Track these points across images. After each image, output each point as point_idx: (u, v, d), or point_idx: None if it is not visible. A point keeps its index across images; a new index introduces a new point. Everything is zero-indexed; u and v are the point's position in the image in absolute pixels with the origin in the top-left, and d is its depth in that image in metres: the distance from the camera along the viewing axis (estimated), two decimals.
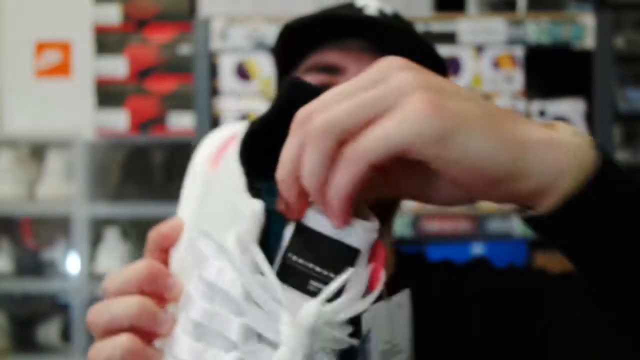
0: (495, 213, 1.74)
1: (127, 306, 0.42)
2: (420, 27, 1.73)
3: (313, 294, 0.35)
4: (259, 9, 2.23)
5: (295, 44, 0.81)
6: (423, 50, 0.80)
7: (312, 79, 0.78)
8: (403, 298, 0.39)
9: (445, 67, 0.84)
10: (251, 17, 1.77)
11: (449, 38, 1.73)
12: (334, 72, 0.78)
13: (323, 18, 0.80)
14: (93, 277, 2.34)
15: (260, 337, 0.36)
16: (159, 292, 0.42)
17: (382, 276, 0.38)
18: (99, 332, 0.43)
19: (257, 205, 0.38)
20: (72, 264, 2.39)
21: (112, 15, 2.41)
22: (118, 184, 2.43)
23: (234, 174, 0.40)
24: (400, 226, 1.68)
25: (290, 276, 0.36)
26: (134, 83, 2.39)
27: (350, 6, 0.82)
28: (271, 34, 1.71)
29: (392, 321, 0.37)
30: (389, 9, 0.82)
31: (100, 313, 0.43)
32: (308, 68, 0.80)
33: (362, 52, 0.77)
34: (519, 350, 0.74)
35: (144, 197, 2.33)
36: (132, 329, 0.42)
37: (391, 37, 0.78)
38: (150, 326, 0.41)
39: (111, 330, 0.42)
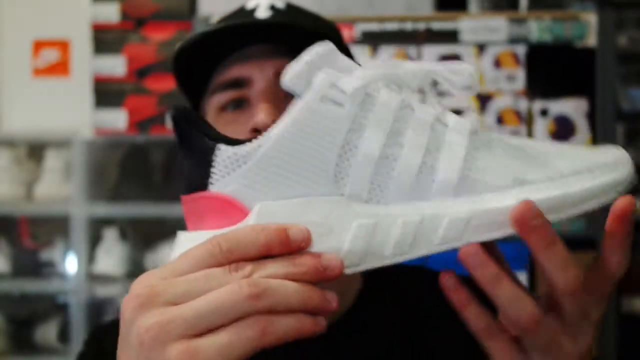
0: None
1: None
2: (421, 26, 1.71)
3: None
4: None
5: (195, 66, 0.75)
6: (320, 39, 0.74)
7: (221, 97, 0.74)
8: None
9: (348, 50, 0.77)
10: None
11: (451, 37, 1.72)
12: (240, 85, 0.73)
13: (208, 36, 0.74)
14: (91, 277, 2.33)
15: None
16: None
17: None
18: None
19: None
20: (71, 264, 2.37)
21: (111, 13, 2.40)
22: (116, 184, 2.41)
23: None
24: None
25: None
26: (133, 82, 2.37)
27: (241, 12, 0.77)
28: None
29: None
30: (280, 2, 0.77)
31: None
32: (215, 88, 0.75)
33: (262, 59, 0.73)
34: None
35: (142, 196, 2.31)
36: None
37: (286, 34, 0.72)
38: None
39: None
